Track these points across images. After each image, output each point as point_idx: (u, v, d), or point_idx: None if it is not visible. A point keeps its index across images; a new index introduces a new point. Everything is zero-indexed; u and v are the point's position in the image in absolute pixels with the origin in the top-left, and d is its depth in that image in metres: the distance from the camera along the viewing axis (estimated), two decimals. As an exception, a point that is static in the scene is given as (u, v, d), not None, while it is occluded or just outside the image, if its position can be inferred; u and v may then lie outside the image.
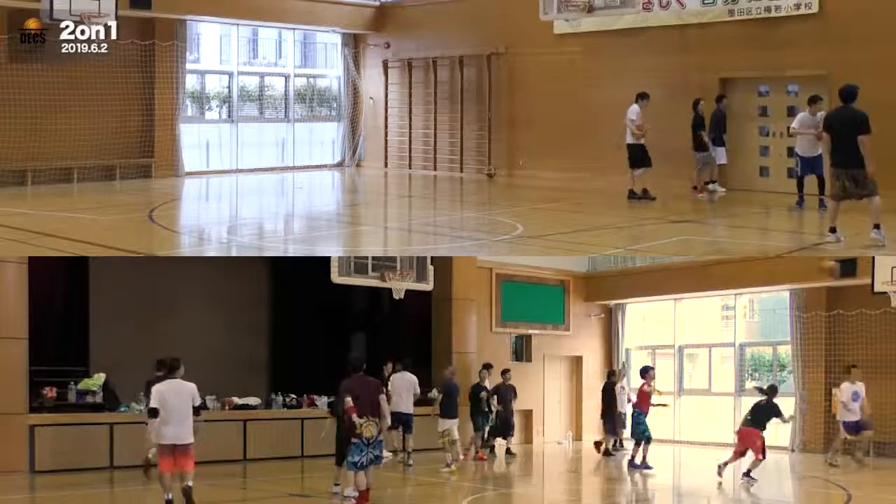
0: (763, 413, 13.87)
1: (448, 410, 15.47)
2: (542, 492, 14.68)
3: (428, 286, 16.63)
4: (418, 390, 15.70)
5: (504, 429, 17.69)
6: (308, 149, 25.93)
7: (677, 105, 18.48)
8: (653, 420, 20.54)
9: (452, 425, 15.34)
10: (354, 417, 10.02)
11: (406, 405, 15.27)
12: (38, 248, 13.34)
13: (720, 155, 18.26)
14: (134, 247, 13.53)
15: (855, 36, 17.36)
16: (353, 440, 10.14)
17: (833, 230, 12.51)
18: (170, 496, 10.02)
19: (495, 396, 17.45)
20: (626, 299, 22.22)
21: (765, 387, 14.49)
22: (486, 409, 17.18)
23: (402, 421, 15.13)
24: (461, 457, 15.56)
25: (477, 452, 16.72)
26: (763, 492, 13.78)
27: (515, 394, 18.03)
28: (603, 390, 18.58)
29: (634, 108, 17.68)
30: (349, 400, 10.11)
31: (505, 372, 17.96)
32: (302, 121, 25.84)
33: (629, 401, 17.86)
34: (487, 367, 17.58)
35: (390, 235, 15.77)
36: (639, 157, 17.60)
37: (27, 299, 14.20)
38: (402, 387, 15.35)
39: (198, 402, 10.36)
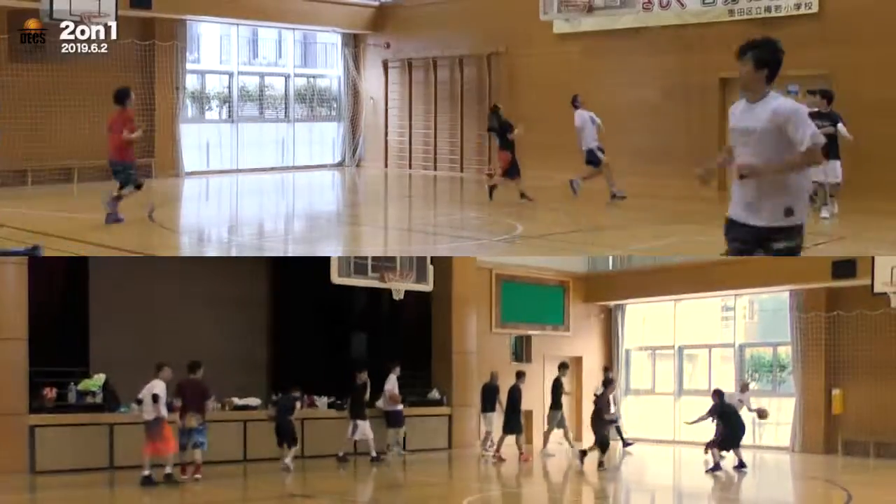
0: None
1: (485, 408, 17.58)
2: (542, 492, 14.68)
3: (428, 287, 16.63)
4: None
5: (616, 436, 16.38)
6: (308, 149, 25.95)
7: (677, 105, 18.49)
8: (653, 419, 20.60)
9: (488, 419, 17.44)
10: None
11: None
12: (38, 248, 13.33)
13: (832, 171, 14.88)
14: (134, 247, 13.53)
15: (855, 36, 17.37)
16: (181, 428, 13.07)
17: None
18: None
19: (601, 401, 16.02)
20: (626, 300, 22.21)
21: None
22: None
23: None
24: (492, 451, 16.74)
25: (519, 452, 16.82)
26: (763, 492, 13.80)
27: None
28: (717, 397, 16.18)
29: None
30: (176, 400, 13.08)
31: (609, 373, 16.84)
32: (302, 121, 25.84)
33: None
34: (521, 374, 17.58)
35: (390, 235, 15.77)
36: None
37: (27, 299, 14.19)
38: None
39: (157, 399, 12.78)
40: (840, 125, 14.71)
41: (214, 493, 12.72)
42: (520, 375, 17.27)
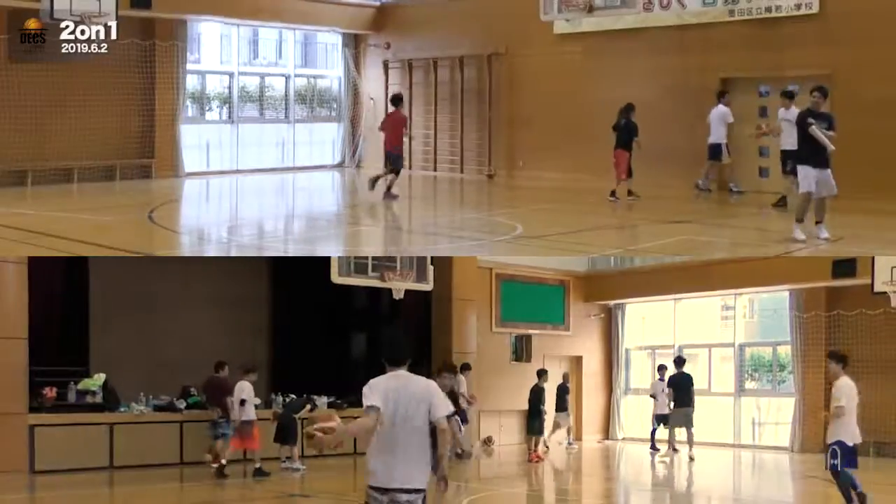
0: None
1: (558, 408, 18.56)
2: (542, 492, 14.68)
3: (428, 286, 16.63)
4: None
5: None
6: (308, 149, 25.92)
7: (677, 105, 18.46)
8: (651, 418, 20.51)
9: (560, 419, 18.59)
10: None
11: None
12: (38, 248, 13.33)
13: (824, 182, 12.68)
14: (134, 247, 13.53)
15: (855, 36, 17.35)
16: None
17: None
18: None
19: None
20: (626, 299, 22.22)
21: None
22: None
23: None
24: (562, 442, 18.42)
25: (532, 452, 17.10)
26: (763, 492, 13.79)
27: None
28: None
29: None
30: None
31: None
32: (302, 121, 25.82)
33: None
34: (543, 372, 18.02)
35: (390, 235, 15.77)
36: None
37: (27, 299, 14.20)
38: None
39: (242, 396, 14.03)
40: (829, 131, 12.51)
41: (213, 492, 12.73)
42: (541, 374, 17.36)
